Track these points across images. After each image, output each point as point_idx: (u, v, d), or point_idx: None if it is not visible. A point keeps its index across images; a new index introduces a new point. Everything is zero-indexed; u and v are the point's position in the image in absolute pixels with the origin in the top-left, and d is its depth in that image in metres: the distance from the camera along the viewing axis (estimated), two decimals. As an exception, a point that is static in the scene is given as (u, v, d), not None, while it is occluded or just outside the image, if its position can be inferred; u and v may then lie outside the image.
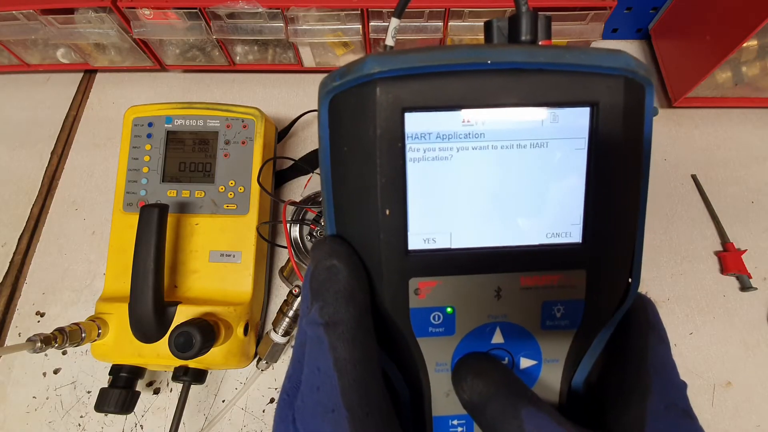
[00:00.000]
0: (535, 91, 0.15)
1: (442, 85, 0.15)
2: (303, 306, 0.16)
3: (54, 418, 0.45)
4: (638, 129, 0.16)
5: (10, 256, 0.52)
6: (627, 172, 0.16)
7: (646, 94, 0.16)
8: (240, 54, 0.58)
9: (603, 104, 0.15)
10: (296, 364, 0.15)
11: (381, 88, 0.15)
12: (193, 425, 0.44)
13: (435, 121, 0.15)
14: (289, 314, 0.44)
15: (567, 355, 0.17)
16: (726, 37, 0.46)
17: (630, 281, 0.17)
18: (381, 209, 0.15)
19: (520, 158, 0.16)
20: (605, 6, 0.49)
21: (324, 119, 0.16)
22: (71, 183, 0.56)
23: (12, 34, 0.53)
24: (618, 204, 0.16)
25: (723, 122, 0.57)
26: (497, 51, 0.15)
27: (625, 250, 0.16)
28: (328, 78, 0.16)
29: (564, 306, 0.17)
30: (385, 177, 0.15)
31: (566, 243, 0.16)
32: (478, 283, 0.16)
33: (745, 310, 0.48)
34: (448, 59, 0.15)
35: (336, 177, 0.16)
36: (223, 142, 0.46)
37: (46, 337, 0.36)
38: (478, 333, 0.17)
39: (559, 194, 0.16)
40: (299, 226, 0.48)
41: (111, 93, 0.61)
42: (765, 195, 0.53)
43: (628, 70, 0.15)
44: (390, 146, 0.15)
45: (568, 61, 0.15)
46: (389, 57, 0.15)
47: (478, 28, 0.51)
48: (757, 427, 0.44)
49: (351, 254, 0.16)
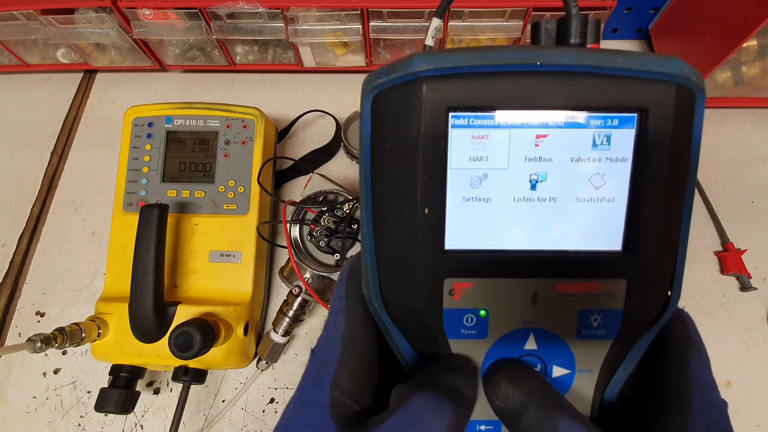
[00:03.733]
0: (583, 94, 0.15)
1: (488, 86, 0.15)
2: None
3: (54, 418, 0.45)
4: (687, 137, 0.15)
5: (10, 256, 0.52)
6: (672, 181, 0.15)
7: (697, 102, 0.15)
8: (240, 54, 0.58)
9: (652, 110, 0.15)
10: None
11: (427, 86, 0.14)
12: (193, 425, 0.44)
13: (479, 121, 0.15)
14: (289, 314, 0.44)
15: (602, 365, 0.17)
16: (726, 37, 0.46)
17: (670, 294, 0.16)
18: (420, 207, 0.15)
19: (562, 162, 0.16)
20: (605, 6, 0.49)
21: (366, 115, 0.16)
22: (71, 183, 0.56)
23: (12, 34, 0.53)
24: (661, 214, 0.15)
25: (723, 122, 0.57)
26: (546, 53, 0.15)
27: (666, 261, 0.16)
28: (373, 75, 0.15)
29: (601, 315, 0.16)
30: (426, 175, 0.15)
31: (606, 251, 0.16)
32: (514, 287, 0.16)
33: (745, 310, 0.48)
34: (496, 59, 0.14)
35: (375, 173, 0.16)
36: (223, 142, 0.46)
37: (46, 337, 0.36)
38: (511, 338, 0.17)
39: (601, 200, 0.16)
40: (299, 226, 0.48)
41: (111, 93, 0.61)
42: (765, 195, 0.53)
43: (681, 77, 0.14)
44: (433, 145, 0.15)
45: (619, 65, 0.14)
46: (437, 56, 0.15)
47: (479, 28, 0.51)
48: (757, 426, 0.44)
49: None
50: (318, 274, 0.44)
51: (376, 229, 0.16)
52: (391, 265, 0.16)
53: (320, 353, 0.17)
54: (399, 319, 0.17)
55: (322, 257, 0.49)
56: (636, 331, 0.16)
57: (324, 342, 0.17)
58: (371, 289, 0.16)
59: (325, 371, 0.16)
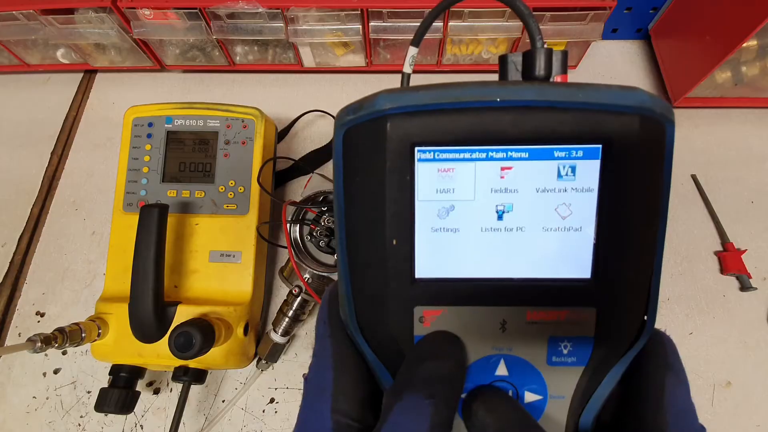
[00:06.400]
0: (545, 128, 0.15)
1: (451, 122, 0.15)
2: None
3: (54, 419, 0.45)
4: (656, 167, 0.15)
5: (10, 256, 0.52)
6: (642, 209, 0.15)
7: (666, 133, 0.15)
8: (240, 54, 0.58)
9: (617, 142, 0.15)
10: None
11: (392, 123, 0.15)
12: (193, 425, 0.44)
13: (444, 155, 0.16)
14: (289, 314, 0.44)
15: (574, 391, 0.17)
16: (725, 37, 0.46)
17: (645, 319, 0.16)
18: (389, 238, 0.16)
19: (528, 193, 0.16)
20: (605, 6, 0.49)
21: (338, 150, 0.16)
22: (71, 183, 0.56)
23: (12, 34, 0.53)
24: (630, 242, 0.15)
25: (723, 122, 0.57)
26: (507, 89, 0.15)
27: (639, 288, 0.16)
28: (343, 112, 0.16)
29: (571, 342, 0.16)
30: (394, 208, 0.16)
31: (575, 279, 0.16)
32: (483, 314, 0.16)
33: (745, 310, 0.48)
34: (457, 97, 0.15)
35: (348, 204, 0.16)
36: (223, 142, 0.46)
37: (46, 337, 0.36)
38: (482, 364, 0.17)
39: (568, 230, 0.16)
40: (299, 226, 0.48)
41: (111, 93, 0.61)
42: (765, 195, 0.53)
43: (643, 108, 0.15)
44: (400, 179, 0.15)
45: (579, 99, 0.15)
46: (400, 94, 0.15)
47: (478, 28, 0.51)
48: (757, 426, 0.44)
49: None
50: (318, 274, 0.44)
51: (350, 258, 0.17)
52: (365, 292, 0.17)
53: (314, 379, 0.17)
54: (374, 344, 0.17)
55: (322, 257, 0.49)
56: (609, 358, 0.16)
57: (316, 368, 0.17)
58: (348, 315, 0.17)
59: (323, 397, 0.16)
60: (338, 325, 0.18)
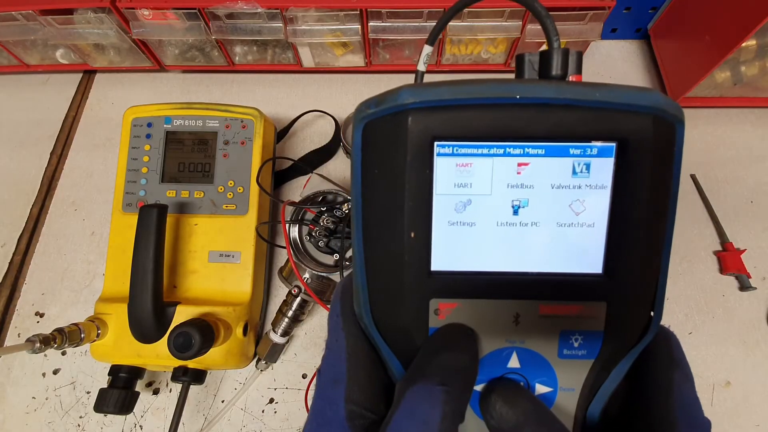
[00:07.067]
0: (562, 125, 0.15)
1: (471, 117, 0.15)
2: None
3: (53, 419, 0.45)
4: (667, 166, 0.16)
5: (10, 256, 0.52)
6: (652, 207, 0.16)
7: (676, 133, 0.16)
8: (239, 54, 0.58)
9: (631, 141, 0.15)
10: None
11: (413, 117, 0.15)
12: (193, 425, 0.44)
13: (463, 150, 0.16)
14: (288, 314, 0.44)
15: (583, 384, 0.17)
16: (725, 36, 0.46)
17: (652, 315, 0.17)
18: (407, 231, 0.16)
19: (543, 189, 0.16)
20: (604, 6, 0.49)
21: (357, 143, 0.16)
22: (71, 183, 0.56)
23: (11, 34, 0.53)
24: (641, 239, 0.16)
25: (722, 122, 0.57)
26: (526, 86, 0.15)
27: (647, 284, 0.16)
28: (364, 105, 0.16)
29: (582, 336, 0.17)
30: (413, 201, 0.16)
31: (587, 273, 0.16)
32: (497, 307, 0.17)
33: (745, 310, 0.48)
34: (478, 93, 0.15)
35: (366, 197, 0.17)
36: (222, 143, 0.46)
37: (46, 338, 0.36)
38: (495, 356, 0.17)
39: (582, 225, 0.16)
40: (298, 226, 0.48)
41: (110, 93, 0.61)
42: (764, 195, 0.53)
43: (656, 108, 0.15)
44: (419, 172, 0.16)
45: (596, 98, 0.15)
46: (422, 89, 0.15)
47: (478, 28, 0.51)
48: (756, 426, 0.44)
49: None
50: (317, 274, 0.44)
51: (367, 250, 0.17)
52: (380, 285, 0.17)
53: (328, 372, 0.17)
54: (388, 337, 0.17)
55: (322, 257, 0.49)
56: (617, 352, 0.17)
57: (329, 360, 0.18)
58: (362, 307, 0.17)
59: (337, 388, 0.16)
60: (351, 318, 0.18)
